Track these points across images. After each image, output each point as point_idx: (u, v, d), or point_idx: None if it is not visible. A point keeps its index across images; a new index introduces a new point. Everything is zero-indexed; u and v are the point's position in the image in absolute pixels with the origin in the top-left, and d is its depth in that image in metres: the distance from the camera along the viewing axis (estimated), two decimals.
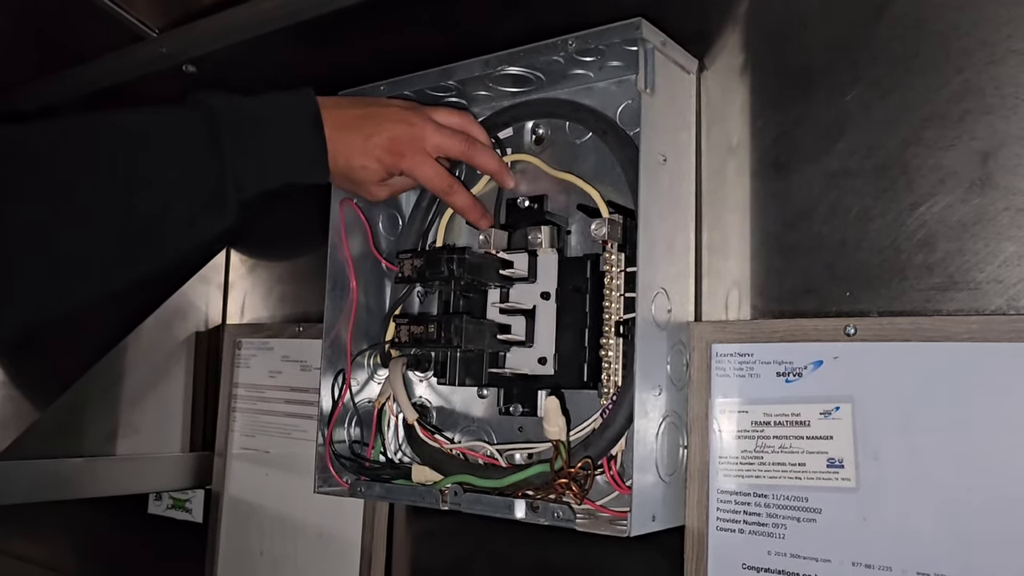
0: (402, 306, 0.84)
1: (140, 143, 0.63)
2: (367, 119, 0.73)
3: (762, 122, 0.73)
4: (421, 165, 0.75)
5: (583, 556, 0.79)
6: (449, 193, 0.77)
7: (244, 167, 0.66)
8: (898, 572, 0.61)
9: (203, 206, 0.65)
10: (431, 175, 0.75)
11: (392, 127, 0.74)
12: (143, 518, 1.21)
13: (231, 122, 0.66)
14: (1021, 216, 0.61)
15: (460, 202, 0.78)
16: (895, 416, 0.63)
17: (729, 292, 0.73)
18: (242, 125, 0.66)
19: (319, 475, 0.81)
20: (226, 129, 0.65)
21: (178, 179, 0.63)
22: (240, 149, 0.66)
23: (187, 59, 1.21)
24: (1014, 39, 0.62)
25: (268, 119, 0.68)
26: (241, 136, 0.66)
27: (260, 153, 0.67)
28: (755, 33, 0.74)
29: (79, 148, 0.61)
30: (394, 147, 0.73)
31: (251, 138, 0.67)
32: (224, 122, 0.65)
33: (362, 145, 0.72)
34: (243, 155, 0.66)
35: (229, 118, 0.66)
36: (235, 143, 0.65)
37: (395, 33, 1.01)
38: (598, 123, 0.77)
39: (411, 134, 0.74)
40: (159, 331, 1.11)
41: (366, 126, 0.73)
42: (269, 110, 0.69)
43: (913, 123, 0.65)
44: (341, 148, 0.72)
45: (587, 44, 0.71)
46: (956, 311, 0.62)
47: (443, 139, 0.76)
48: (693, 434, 0.71)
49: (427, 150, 0.75)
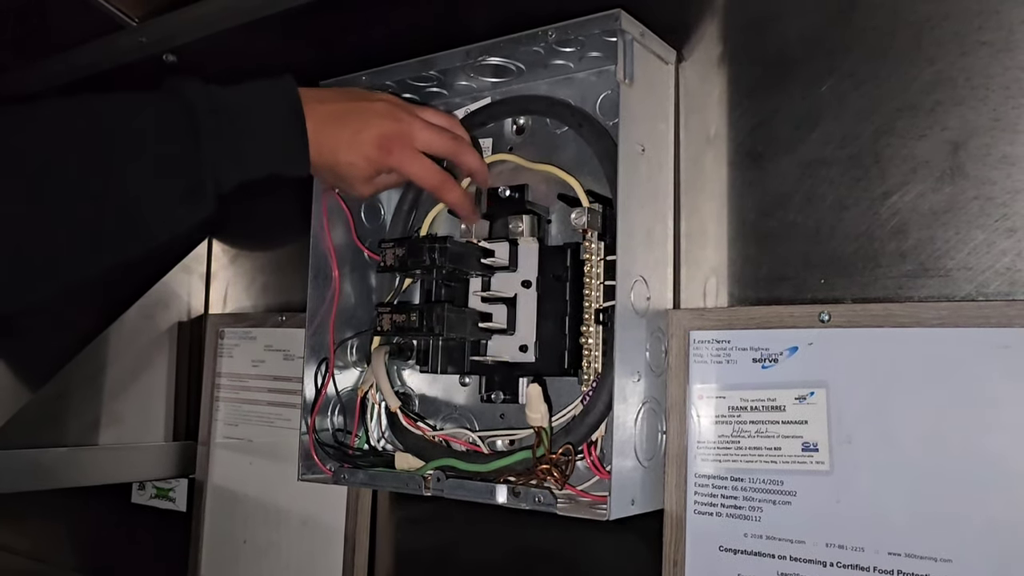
0: (384, 295, 0.85)
1: (115, 129, 0.61)
2: (354, 114, 0.72)
3: (739, 112, 0.74)
4: (411, 162, 0.74)
5: (564, 540, 0.80)
6: (442, 189, 0.76)
7: (221, 157, 0.64)
8: (870, 553, 0.63)
9: (180, 196, 0.63)
10: (423, 171, 0.74)
11: (380, 123, 0.72)
12: (127, 507, 1.21)
13: (207, 111, 0.64)
14: (990, 205, 0.62)
15: (453, 198, 0.77)
16: (868, 400, 0.64)
17: (707, 280, 0.74)
18: (219, 114, 0.64)
19: (303, 463, 0.81)
20: (203, 118, 0.63)
21: (152, 168, 0.62)
22: (217, 138, 0.64)
23: (167, 48, 1.21)
24: (984, 31, 0.63)
25: (246, 108, 0.66)
26: (218, 125, 0.64)
27: (238, 143, 0.65)
28: (732, 24, 0.75)
29: (51, 133, 0.60)
30: (383, 144, 0.72)
31: (228, 127, 0.65)
32: (200, 111, 0.63)
33: (350, 141, 0.71)
34: (220, 145, 0.64)
35: (205, 106, 0.64)
36: (212, 132, 0.64)
37: (376, 23, 1.01)
38: (573, 116, 0.77)
39: (400, 130, 0.73)
40: (142, 321, 1.11)
41: (353, 121, 0.72)
42: (247, 98, 0.67)
43: (886, 113, 0.67)
44: (328, 144, 0.70)
45: (567, 35, 0.71)
46: (927, 297, 0.64)
47: (431, 136, 0.75)
48: (671, 420, 0.72)
49: (416, 147, 0.74)
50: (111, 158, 0.60)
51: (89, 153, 0.60)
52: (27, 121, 0.60)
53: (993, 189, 0.62)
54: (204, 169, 0.63)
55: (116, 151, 0.61)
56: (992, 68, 0.63)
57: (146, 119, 0.62)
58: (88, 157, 0.60)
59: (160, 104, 0.63)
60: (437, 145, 0.75)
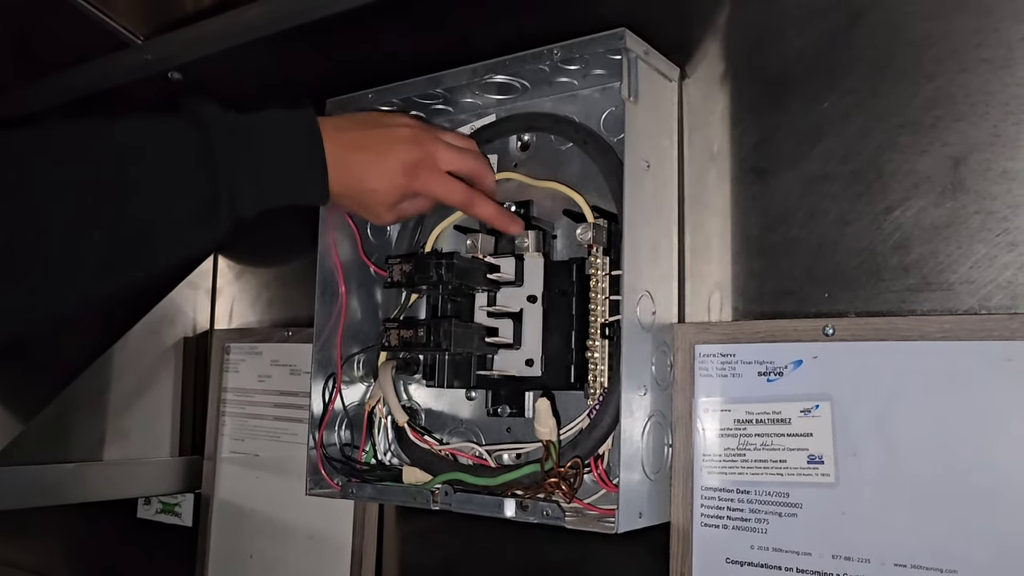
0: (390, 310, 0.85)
1: (130, 153, 0.61)
2: (376, 141, 0.72)
3: (742, 129, 0.75)
4: (438, 183, 0.74)
5: (571, 553, 0.81)
6: (473, 205, 0.76)
7: (237, 181, 0.64)
8: (876, 564, 0.63)
9: (195, 220, 0.63)
10: (451, 191, 0.74)
11: (404, 148, 0.72)
12: (132, 523, 1.21)
13: (224, 135, 0.64)
14: (991, 219, 0.63)
15: (487, 212, 0.76)
16: (872, 413, 0.65)
17: (711, 294, 0.75)
18: (235, 139, 0.64)
19: (311, 477, 0.82)
20: (219, 142, 0.63)
21: (168, 192, 0.62)
22: (233, 163, 0.64)
23: (172, 66, 1.22)
24: (983, 48, 0.64)
25: (262, 134, 0.66)
26: (235, 150, 0.64)
27: (254, 170, 0.65)
28: (735, 42, 0.76)
29: (69, 155, 0.60)
30: (408, 169, 0.72)
31: (245, 153, 0.65)
32: (216, 135, 0.64)
33: (375, 167, 0.71)
34: (236, 171, 0.64)
35: (222, 131, 0.64)
36: (228, 157, 0.64)
37: (381, 41, 1.02)
38: (578, 133, 0.78)
39: (424, 153, 0.73)
40: (147, 337, 1.12)
41: (377, 147, 0.71)
42: (264, 125, 0.67)
43: (887, 129, 0.68)
44: (351, 170, 0.70)
45: (572, 53, 0.72)
46: (930, 311, 0.65)
47: (454, 156, 0.75)
48: (677, 433, 0.72)
49: (440, 168, 0.74)
50: (126, 179, 0.60)
51: (104, 174, 0.60)
52: (43, 142, 0.60)
53: (994, 204, 0.63)
54: (220, 194, 0.63)
55: (131, 173, 0.61)
56: (991, 85, 0.64)
57: (162, 142, 0.62)
58: (103, 177, 0.60)
59: (176, 126, 0.64)
60: (460, 164, 0.76)
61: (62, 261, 0.59)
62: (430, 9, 0.97)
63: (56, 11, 1.22)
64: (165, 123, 0.64)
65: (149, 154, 0.62)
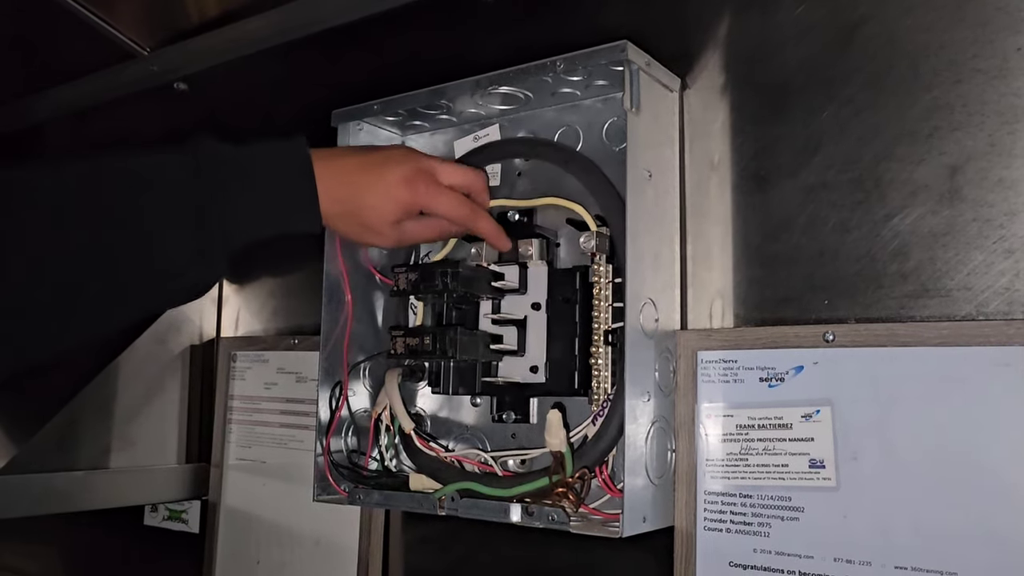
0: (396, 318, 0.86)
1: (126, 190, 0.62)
2: (374, 163, 0.72)
3: (742, 138, 0.76)
4: (438, 197, 0.74)
5: (575, 558, 0.82)
6: (473, 220, 0.76)
7: (227, 217, 0.64)
8: (877, 567, 0.64)
9: (189, 258, 0.63)
10: (452, 205, 0.75)
11: (403, 164, 0.73)
12: (139, 530, 1.22)
13: (213, 167, 0.64)
14: (988, 227, 0.64)
15: (485, 227, 0.77)
16: (872, 418, 0.66)
17: (713, 301, 0.76)
18: (225, 169, 0.64)
19: (318, 484, 0.83)
20: (208, 175, 0.63)
21: (162, 230, 0.62)
22: (223, 199, 0.64)
23: (178, 77, 1.23)
24: (979, 59, 0.66)
25: (252, 164, 0.66)
26: (223, 182, 0.64)
27: (245, 203, 0.65)
28: (735, 54, 0.77)
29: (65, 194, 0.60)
30: (408, 182, 0.72)
31: (234, 184, 0.65)
32: (206, 168, 0.63)
33: (374, 184, 0.71)
34: (227, 205, 0.64)
35: (212, 163, 0.64)
36: (216, 189, 0.64)
37: (385, 52, 1.03)
38: (558, 154, 0.80)
39: (423, 167, 0.74)
40: (154, 345, 1.13)
41: (375, 167, 0.72)
42: (255, 155, 0.67)
43: (885, 139, 0.69)
44: (349, 191, 0.70)
45: (575, 65, 0.74)
46: (928, 317, 0.66)
47: (453, 170, 0.76)
48: (680, 438, 0.73)
49: (441, 182, 0.75)
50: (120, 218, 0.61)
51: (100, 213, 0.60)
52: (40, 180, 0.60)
53: (991, 211, 0.64)
54: (212, 230, 0.63)
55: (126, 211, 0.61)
56: (987, 95, 0.65)
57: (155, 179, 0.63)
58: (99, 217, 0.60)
59: (170, 162, 0.64)
60: (462, 178, 0.77)
61: (53, 307, 0.59)
62: (433, 21, 0.98)
63: (62, 23, 1.23)
64: (161, 161, 0.64)
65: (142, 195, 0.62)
